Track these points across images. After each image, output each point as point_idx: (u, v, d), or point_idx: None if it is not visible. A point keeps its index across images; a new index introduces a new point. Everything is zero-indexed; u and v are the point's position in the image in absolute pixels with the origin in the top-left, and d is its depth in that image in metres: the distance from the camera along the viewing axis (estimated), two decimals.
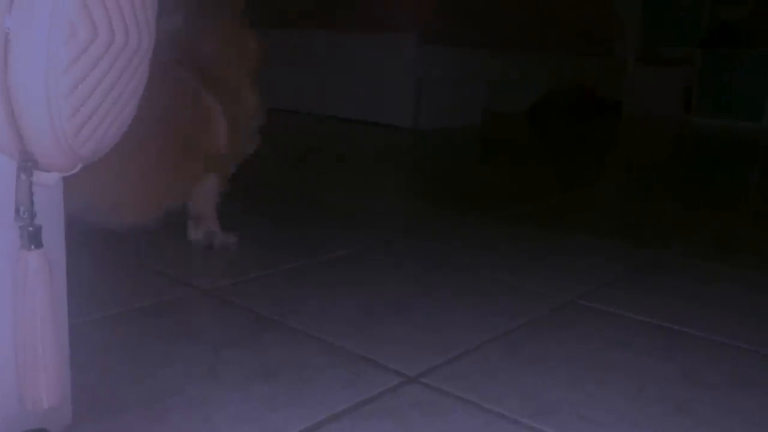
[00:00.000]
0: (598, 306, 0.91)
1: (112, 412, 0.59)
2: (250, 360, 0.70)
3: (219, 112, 1.00)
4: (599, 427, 0.62)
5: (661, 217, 1.51)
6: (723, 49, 3.56)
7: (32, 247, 0.48)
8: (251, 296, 0.87)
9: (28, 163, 0.46)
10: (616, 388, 0.69)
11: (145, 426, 0.57)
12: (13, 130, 0.44)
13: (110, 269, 0.94)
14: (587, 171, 2.12)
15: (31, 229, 0.48)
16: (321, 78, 2.96)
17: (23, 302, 0.48)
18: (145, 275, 0.93)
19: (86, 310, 0.78)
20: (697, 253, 1.19)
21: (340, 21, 2.89)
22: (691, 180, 2.12)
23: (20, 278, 0.48)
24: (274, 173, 1.73)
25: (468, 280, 0.99)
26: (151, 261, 0.98)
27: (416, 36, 2.69)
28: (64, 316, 0.55)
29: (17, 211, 0.47)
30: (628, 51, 3.87)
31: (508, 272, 1.03)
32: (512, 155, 2.40)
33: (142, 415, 0.59)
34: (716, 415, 0.65)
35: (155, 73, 0.54)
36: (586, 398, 0.67)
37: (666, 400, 0.67)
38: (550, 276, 1.02)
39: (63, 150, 0.46)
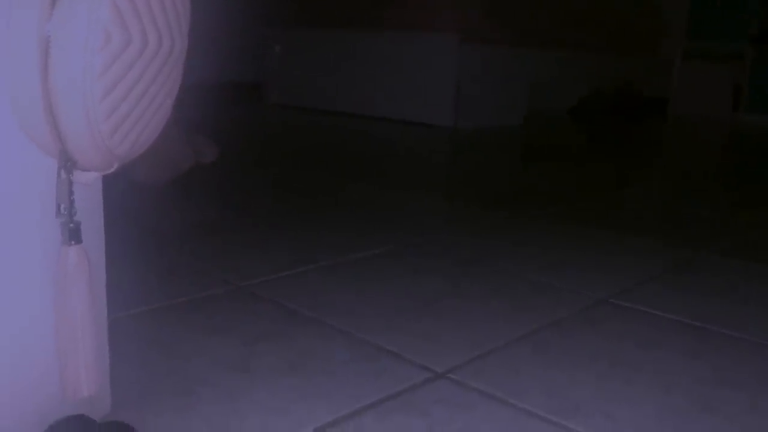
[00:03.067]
0: (629, 305, 0.91)
1: (148, 401, 0.62)
2: (280, 353, 0.72)
3: None
4: (624, 425, 0.62)
5: (701, 217, 1.49)
6: None
7: (72, 242, 0.50)
8: (284, 292, 0.89)
9: (67, 163, 0.48)
10: (643, 387, 0.69)
11: (178, 415, 0.60)
12: (54, 131, 0.47)
13: (150, 266, 0.97)
14: (628, 170, 2.10)
15: (71, 225, 0.50)
16: (361, 78, 2.98)
17: (64, 295, 0.50)
18: (182, 272, 0.96)
19: (126, 305, 0.82)
20: (735, 253, 1.17)
21: (380, 21, 2.91)
22: (735, 179, 2.07)
23: (61, 272, 0.50)
24: (311, 171, 1.76)
25: (499, 278, 0.99)
26: (189, 258, 1.01)
27: (456, 35, 2.70)
28: (103, 308, 0.58)
29: (58, 208, 0.50)
30: (675, 48, 3.80)
31: (540, 271, 1.03)
32: (552, 155, 2.38)
33: (175, 404, 0.61)
34: (744, 415, 0.64)
35: None
36: (612, 396, 0.67)
37: (693, 399, 0.67)
38: (582, 275, 1.02)
39: (100, 150, 0.49)
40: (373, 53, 2.94)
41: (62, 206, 0.50)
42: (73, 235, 0.50)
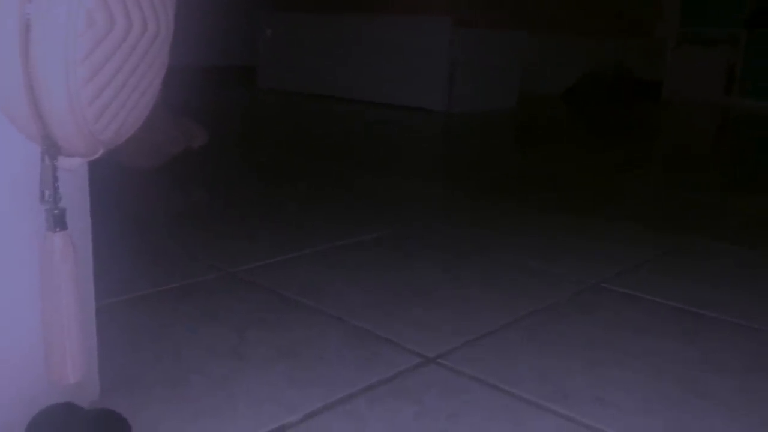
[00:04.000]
0: (621, 290, 0.91)
1: (138, 389, 0.61)
2: (273, 340, 0.72)
3: None
4: (615, 409, 0.62)
5: (694, 202, 1.49)
6: None
7: (57, 229, 0.50)
8: (277, 278, 0.89)
9: (51, 148, 0.48)
10: (634, 372, 0.69)
11: (169, 402, 0.59)
12: (36, 115, 0.46)
13: (139, 252, 0.96)
14: (621, 155, 2.10)
15: (56, 211, 0.50)
16: (353, 62, 2.96)
17: (49, 282, 0.50)
18: (172, 258, 0.95)
19: (115, 291, 0.81)
20: (727, 238, 1.17)
21: (372, 5, 2.89)
22: (728, 164, 2.08)
23: (46, 259, 0.50)
24: (303, 156, 1.75)
25: (493, 264, 0.99)
26: (178, 244, 1.00)
27: (449, 19, 2.68)
28: (90, 295, 0.57)
29: (42, 194, 0.49)
30: (668, 31, 3.79)
31: (533, 257, 1.02)
32: (545, 139, 2.38)
33: (166, 392, 0.61)
34: (734, 399, 0.64)
35: None
36: (604, 381, 0.67)
37: (684, 384, 0.67)
38: (575, 260, 1.02)
39: (84, 135, 0.48)
40: (365, 37, 2.92)
41: (47, 193, 0.49)
42: (58, 221, 0.50)
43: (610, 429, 0.59)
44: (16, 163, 0.49)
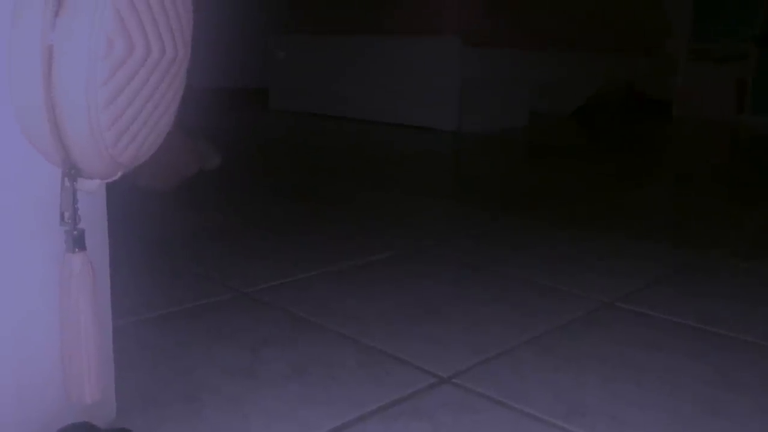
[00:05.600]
0: (635, 308, 0.90)
1: (153, 408, 0.62)
2: (285, 359, 0.72)
3: None
4: (631, 428, 0.62)
5: (706, 219, 1.49)
6: None
7: (76, 249, 0.51)
8: (289, 298, 0.89)
9: (71, 171, 0.49)
10: (649, 390, 0.69)
11: (184, 421, 0.60)
12: (57, 139, 0.47)
13: (155, 273, 0.97)
14: (632, 173, 2.09)
15: (75, 233, 0.50)
16: (364, 83, 2.99)
17: (68, 302, 0.51)
18: (186, 278, 0.96)
19: (132, 311, 0.82)
20: (740, 255, 1.16)
21: (383, 26, 2.92)
22: (740, 181, 2.07)
23: (65, 279, 0.50)
24: (316, 176, 1.76)
25: (505, 282, 0.99)
26: (192, 265, 1.01)
27: (459, 39, 2.70)
28: (107, 315, 0.58)
29: (62, 216, 0.50)
30: (678, 49, 3.79)
31: (545, 275, 1.02)
32: (556, 157, 2.38)
33: (181, 410, 0.61)
34: (750, 417, 0.64)
35: None
36: (619, 399, 0.66)
37: (699, 402, 0.66)
38: (588, 278, 1.01)
39: (104, 158, 0.49)
40: (376, 58, 2.94)
41: (66, 214, 0.50)
42: (78, 242, 0.51)
43: None
44: (36, 185, 0.50)
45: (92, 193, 0.53)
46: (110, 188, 0.56)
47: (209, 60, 2.35)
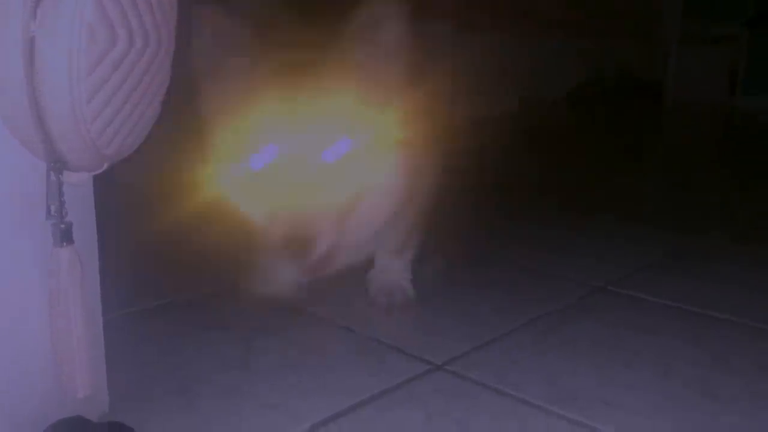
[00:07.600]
0: (628, 292, 0.90)
1: (146, 401, 0.61)
2: (279, 349, 0.72)
3: None
4: (624, 411, 0.62)
5: (700, 203, 1.49)
6: None
7: (64, 243, 0.50)
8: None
9: (56, 164, 0.48)
10: (642, 374, 0.69)
11: (177, 414, 0.60)
12: (41, 132, 0.46)
13: (145, 265, 0.97)
14: (624, 157, 2.09)
15: (62, 226, 0.50)
16: None
17: (56, 296, 0.50)
18: (177, 270, 0.95)
19: (122, 304, 0.81)
20: (734, 239, 1.17)
21: None
22: (733, 165, 2.07)
23: (53, 273, 0.50)
24: None
25: (498, 268, 0.99)
26: (184, 256, 1.01)
27: (450, 22, 2.69)
28: (97, 308, 0.58)
29: (48, 209, 0.49)
30: (669, 31, 3.78)
31: (538, 260, 1.02)
32: (547, 142, 2.38)
33: (174, 403, 0.61)
34: (743, 400, 0.64)
35: None
36: (612, 383, 0.67)
37: (692, 385, 0.67)
38: (581, 263, 1.01)
39: (89, 150, 0.48)
40: None
41: (53, 208, 0.49)
42: (65, 235, 0.50)
43: (619, 431, 0.59)
44: (22, 178, 0.50)
45: (79, 185, 0.52)
46: (98, 180, 0.55)
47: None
